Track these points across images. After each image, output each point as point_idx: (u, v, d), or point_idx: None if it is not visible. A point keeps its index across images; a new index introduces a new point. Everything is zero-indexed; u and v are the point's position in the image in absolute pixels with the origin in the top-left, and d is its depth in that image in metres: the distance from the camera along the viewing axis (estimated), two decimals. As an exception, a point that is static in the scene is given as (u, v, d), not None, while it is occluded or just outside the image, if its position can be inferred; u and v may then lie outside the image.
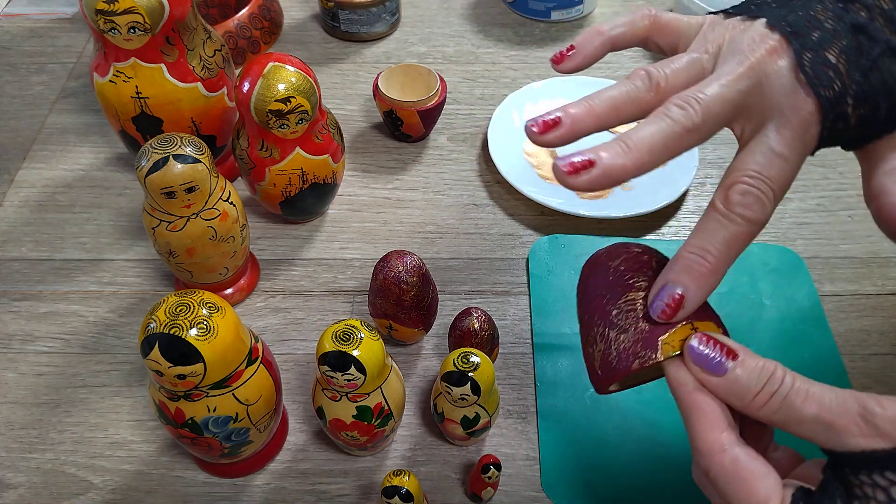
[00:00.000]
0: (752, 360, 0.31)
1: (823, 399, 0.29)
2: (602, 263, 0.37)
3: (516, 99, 0.72)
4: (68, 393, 0.53)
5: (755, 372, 0.30)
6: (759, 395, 0.30)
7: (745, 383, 0.30)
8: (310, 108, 0.52)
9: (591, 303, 0.36)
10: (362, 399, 0.43)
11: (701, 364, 0.31)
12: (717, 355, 0.31)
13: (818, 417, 0.29)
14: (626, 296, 0.34)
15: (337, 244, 0.62)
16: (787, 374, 0.30)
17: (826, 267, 0.60)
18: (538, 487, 0.48)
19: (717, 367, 0.31)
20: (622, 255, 0.37)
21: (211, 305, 0.39)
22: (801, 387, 0.30)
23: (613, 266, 0.36)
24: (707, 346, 0.31)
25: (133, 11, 0.50)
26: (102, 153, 0.69)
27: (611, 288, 0.35)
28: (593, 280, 0.37)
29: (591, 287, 0.37)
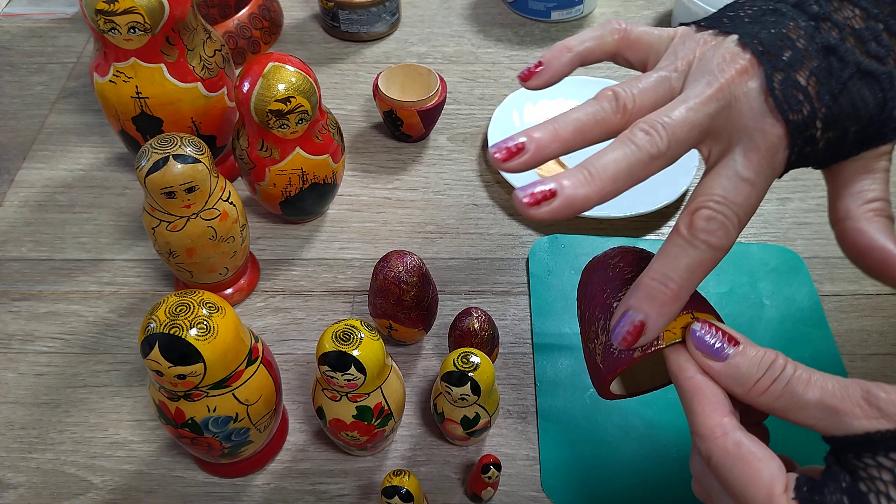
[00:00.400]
0: (752, 347, 0.31)
1: (826, 384, 0.29)
2: (601, 262, 0.38)
3: (516, 99, 0.72)
4: (68, 393, 0.53)
5: (756, 358, 0.31)
6: (760, 381, 0.30)
7: (747, 369, 0.30)
8: (310, 108, 0.52)
9: (591, 299, 0.37)
10: (362, 399, 0.43)
11: (702, 349, 0.31)
12: (719, 341, 0.31)
13: (821, 402, 0.29)
14: (625, 289, 0.35)
15: (337, 244, 0.62)
16: (788, 362, 0.30)
17: (826, 267, 0.60)
18: (538, 487, 0.48)
19: (718, 353, 0.31)
20: (621, 254, 0.37)
21: (211, 305, 0.39)
22: (803, 374, 0.30)
23: (613, 263, 0.37)
24: (709, 332, 0.31)
25: (133, 11, 0.50)
26: (102, 153, 0.69)
27: (610, 282, 0.36)
28: (593, 278, 0.37)
29: (592, 284, 0.37)
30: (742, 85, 0.31)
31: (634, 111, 0.33)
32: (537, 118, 0.71)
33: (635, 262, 0.36)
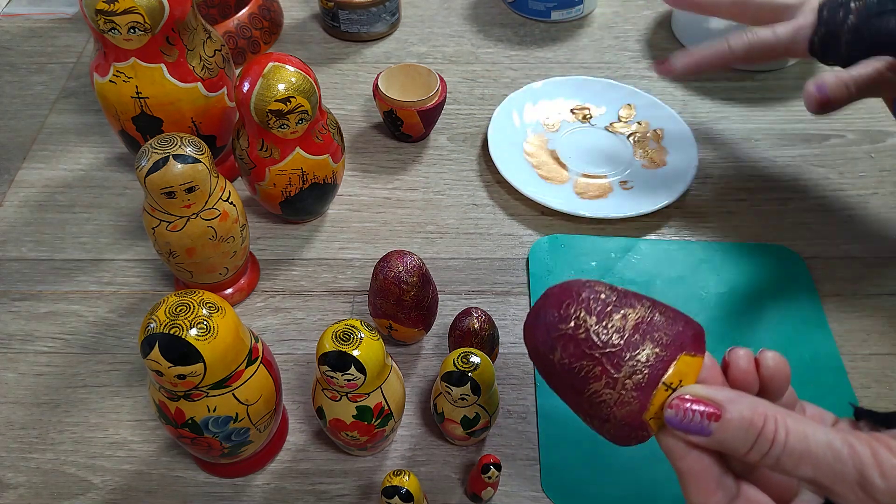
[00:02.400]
0: (737, 414, 0.29)
1: (819, 462, 0.28)
2: (542, 357, 0.33)
3: (516, 99, 0.72)
4: (68, 393, 0.53)
5: (741, 430, 0.29)
6: (750, 454, 0.29)
7: (732, 442, 0.29)
8: (310, 108, 0.52)
9: (557, 391, 0.34)
10: (362, 399, 0.43)
11: (683, 430, 0.30)
12: (697, 419, 0.30)
13: (814, 481, 0.28)
14: (587, 390, 0.32)
15: (337, 244, 0.62)
16: (777, 429, 0.29)
17: (826, 267, 0.60)
18: (538, 487, 0.48)
19: (700, 430, 0.30)
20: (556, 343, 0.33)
21: (211, 305, 0.39)
22: (795, 445, 0.28)
23: (556, 361, 0.33)
24: (685, 414, 0.30)
25: (133, 11, 0.50)
26: (102, 153, 0.69)
27: (566, 381, 0.33)
28: (547, 371, 0.34)
29: (548, 377, 0.34)
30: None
31: None
32: (537, 118, 0.71)
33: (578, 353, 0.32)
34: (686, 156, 0.66)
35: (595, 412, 0.32)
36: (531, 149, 0.69)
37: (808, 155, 0.69)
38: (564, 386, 0.33)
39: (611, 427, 0.32)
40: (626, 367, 0.31)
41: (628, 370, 0.31)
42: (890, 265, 0.60)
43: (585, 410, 0.32)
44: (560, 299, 0.33)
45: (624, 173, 0.67)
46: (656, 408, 0.31)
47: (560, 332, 0.32)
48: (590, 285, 0.33)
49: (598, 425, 0.32)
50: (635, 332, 0.31)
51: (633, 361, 0.31)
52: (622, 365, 0.31)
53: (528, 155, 0.68)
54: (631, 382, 0.31)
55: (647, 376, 0.31)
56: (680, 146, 0.68)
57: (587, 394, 0.32)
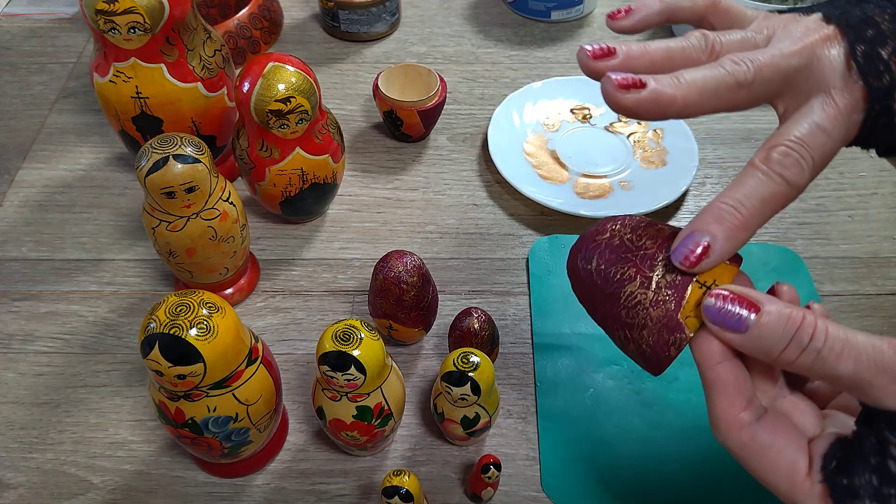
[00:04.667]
0: (775, 309, 0.29)
1: (860, 356, 0.28)
2: (582, 272, 0.35)
3: (516, 99, 0.72)
4: (68, 393, 0.53)
5: (780, 325, 0.29)
6: (787, 351, 0.29)
7: (769, 339, 0.29)
8: (310, 108, 0.52)
9: (596, 311, 0.35)
10: (362, 399, 0.43)
11: (720, 324, 0.30)
12: (736, 311, 0.29)
13: (854, 376, 0.28)
14: (623, 294, 0.33)
15: (337, 244, 0.62)
16: (818, 325, 0.29)
17: (826, 267, 0.60)
18: (538, 487, 0.48)
19: (737, 324, 0.29)
20: (593, 253, 0.34)
21: (211, 305, 0.39)
22: (835, 340, 0.28)
23: (594, 270, 0.34)
24: (723, 305, 0.30)
25: (133, 11, 0.50)
26: (102, 153, 0.69)
27: (604, 291, 0.34)
28: (585, 289, 0.35)
29: (587, 295, 0.35)
30: (825, 48, 0.32)
31: (720, 53, 0.34)
32: (537, 118, 0.71)
33: (613, 259, 0.33)
34: (686, 156, 0.66)
35: (632, 319, 0.32)
36: (531, 149, 0.69)
37: (808, 155, 0.69)
38: (602, 298, 0.33)
39: (648, 334, 0.32)
40: (660, 267, 0.32)
41: (662, 269, 0.32)
42: (890, 265, 0.60)
43: (623, 321, 0.32)
44: (601, 223, 0.35)
45: (624, 173, 0.67)
46: (692, 306, 0.31)
47: (597, 243, 0.34)
48: (630, 215, 0.35)
49: (637, 335, 0.32)
50: (668, 240, 0.32)
51: (666, 260, 0.32)
52: (655, 265, 0.32)
53: (528, 155, 0.68)
54: (665, 280, 0.31)
55: (681, 274, 0.31)
56: (680, 146, 0.68)
57: (623, 299, 0.32)
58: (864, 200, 0.65)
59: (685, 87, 0.31)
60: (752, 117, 0.73)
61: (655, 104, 0.31)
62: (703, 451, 0.49)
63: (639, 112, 0.31)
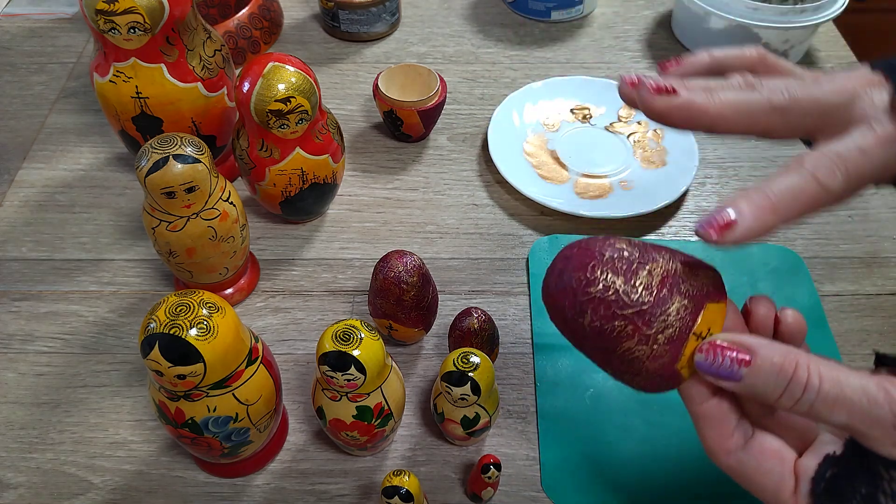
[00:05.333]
0: (767, 359, 0.29)
1: (853, 407, 0.28)
2: (571, 321, 0.33)
3: (516, 99, 0.72)
4: (68, 393, 0.53)
5: (772, 376, 0.29)
6: (782, 399, 0.29)
7: (763, 388, 0.29)
8: (310, 108, 0.52)
9: (583, 348, 0.34)
10: (362, 399, 0.43)
11: (714, 376, 0.30)
12: (728, 364, 0.30)
13: (848, 426, 0.29)
14: (619, 349, 0.32)
15: (337, 244, 0.62)
16: (810, 373, 0.29)
17: (826, 267, 0.60)
18: (538, 487, 0.48)
19: (730, 375, 0.30)
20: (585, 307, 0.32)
21: (211, 305, 0.39)
22: (828, 392, 0.28)
23: (587, 325, 0.32)
24: (714, 358, 0.30)
25: (133, 11, 0.50)
26: (102, 153, 0.69)
27: (597, 343, 0.33)
28: (573, 333, 0.34)
29: (574, 336, 0.34)
30: (869, 89, 0.32)
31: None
32: (537, 118, 0.71)
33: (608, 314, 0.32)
34: (686, 156, 0.66)
35: (627, 368, 0.32)
36: (531, 149, 0.69)
37: (808, 155, 0.69)
38: (593, 347, 0.33)
39: (642, 380, 0.32)
40: (658, 323, 0.31)
41: (660, 325, 0.31)
42: (890, 265, 0.60)
43: (616, 367, 0.33)
44: (583, 261, 0.33)
45: (624, 173, 0.67)
46: (687, 357, 0.32)
47: (589, 296, 0.32)
48: (610, 243, 0.33)
49: (629, 379, 0.33)
50: (662, 287, 0.32)
51: (664, 316, 0.31)
52: (653, 322, 0.31)
53: (528, 155, 0.68)
54: (663, 337, 0.31)
55: (678, 329, 0.31)
56: (680, 146, 0.68)
57: (619, 352, 0.32)
58: (864, 200, 0.65)
59: (718, 102, 0.32)
60: (752, 117, 0.73)
61: (686, 111, 0.31)
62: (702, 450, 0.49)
63: (670, 117, 0.31)
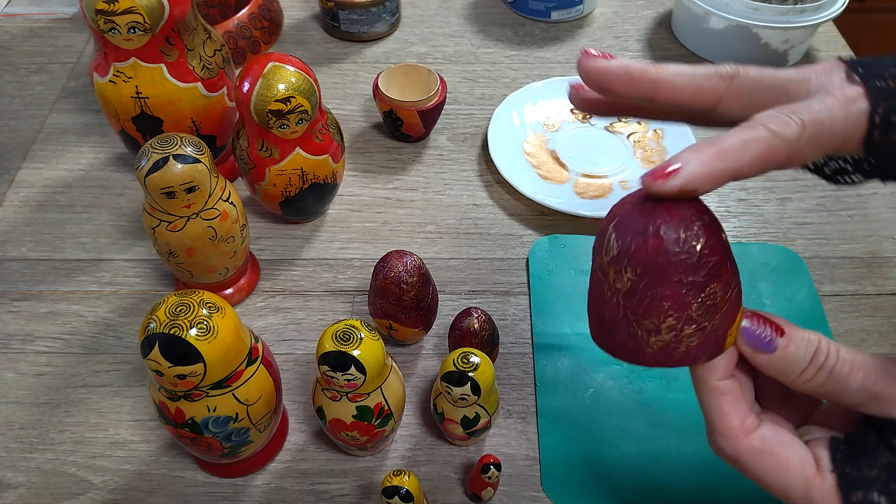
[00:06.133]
0: (797, 333, 0.31)
1: (868, 369, 0.29)
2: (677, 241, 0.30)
3: (516, 99, 0.72)
4: (68, 393, 0.53)
5: (802, 346, 0.30)
6: (806, 370, 0.30)
7: (794, 359, 0.30)
8: (310, 108, 0.52)
9: (660, 284, 0.30)
10: (362, 399, 0.43)
11: (752, 344, 0.31)
12: (768, 333, 0.31)
13: (864, 387, 0.29)
14: (709, 287, 0.30)
15: (337, 244, 0.62)
16: (830, 346, 0.30)
17: (826, 267, 0.60)
18: (538, 487, 0.48)
19: (767, 345, 0.31)
20: (703, 231, 0.30)
21: (211, 305, 0.39)
22: (846, 357, 0.30)
23: (699, 250, 0.30)
24: (758, 326, 0.31)
25: (133, 11, 0.50)
26: (102, 153, 0.69)
27: (693, 273, 0.30)
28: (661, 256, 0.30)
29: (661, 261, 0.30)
30: (825, 72, 0.31)
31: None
32: (537, 118, 0.71)
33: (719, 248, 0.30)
34: (686, 156, 0.66)
35: (698, 316, 0.30)
36: (531, 149, 0.69)
37: (808, 155, 0.69)
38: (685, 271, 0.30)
39: (699, 336, 0.31)
40: (734, 277, 0.31)
41: (736, 280, 0.31)
42: (890, 265, 0.60)
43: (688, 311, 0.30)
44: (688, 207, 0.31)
45: (624, 173, 0.67)
46: (737, 326, 0.32)
47: (705, 222, 0.30)
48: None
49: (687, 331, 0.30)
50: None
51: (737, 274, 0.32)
52: (734, 274, 0.31)
53: (528, 155, 0.68)
54: (734, 293, 0.31)
55: (738, 293, 0.32)
56: (679, 146, 0.68)
57: (706, 292, 0.30)
58: (864, 200, 0.65)
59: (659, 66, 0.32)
60: (752, 117, 0.73)
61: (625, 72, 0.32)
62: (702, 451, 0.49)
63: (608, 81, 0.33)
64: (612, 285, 0.31)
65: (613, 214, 0.32)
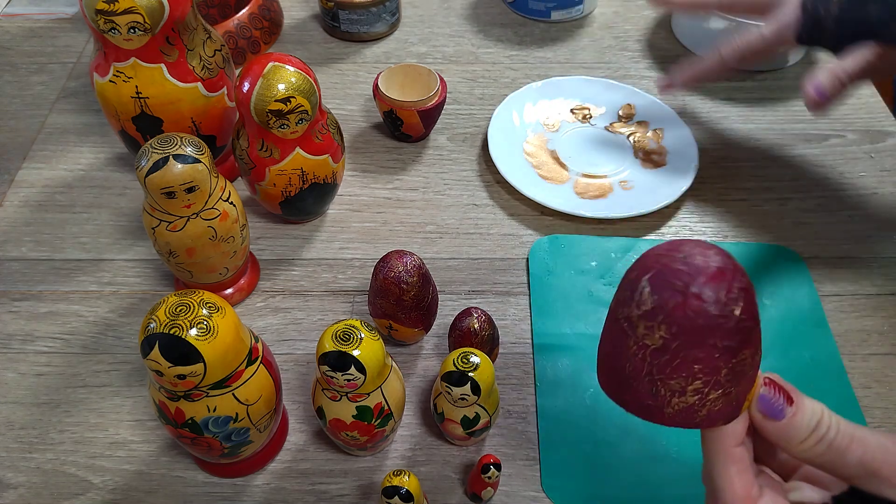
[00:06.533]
0: (804, 402, 0.31)
1: (867, 445, 0.30)
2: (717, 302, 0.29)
3: (516, 99, 0.72)
4: (68, 393, 0.53)
5: (808, 416, 0.31)
6: (807, 440, 0.31)
7: (798, 428, 0.31)
8: (310, 108, 0.52)
9: (695, 346, 0.29)
10: (362, 399, 0.43)
11: (765, 411, 0.31)
12: (780, 402, 0.31)
13: (861, 462, 0.30)
14: (742, 353, 0.30)
15: (337, 244, 0.62)
16: (832, 418, 0.31)
17: (826, 267, 0.60)
18: (538, 487, 0.48)
19: (778, 413, 0.31)
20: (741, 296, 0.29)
21: (211, 305, 0.39)
22: (846, 430, 0.30)
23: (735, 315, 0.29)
24: (773, 394, 0.31)
25: (133, 11, 0.50)
26: (102, 153, 0.69)
27: (728, 338, 0.29)
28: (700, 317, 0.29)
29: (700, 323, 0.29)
30: None
31: None
32: (537, 118, 0.71)
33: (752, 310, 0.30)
34: (686, 156, 0.66)
35: (727, 380, 0.30)
36: (531, 149, 0.69)
37: (808, 155, 0.69)
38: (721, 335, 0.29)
39: (722, 401, 0.31)
40: (760, 340, 0.31)
41: (760, 342, 0.31)
42: (890, 265, 0.60)
43: (719, 377, 0.30)
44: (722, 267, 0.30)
45: (624, 173, 0.67)
46: (754, 393, 0.32)
47: (743, 285, 0.30)
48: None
49: (713, 396, 0.30)
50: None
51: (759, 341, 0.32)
52: (759, 341, 0.31)
53: (528, 155, 0.68)
54: (759, 357, 0.31)
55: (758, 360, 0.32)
56: (680, 146, 0.68)
57: (739, 357, 0.30)
58: (864, 200, 0.65)
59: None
60: (752, 117, 0.73)
61: None
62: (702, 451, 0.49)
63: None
64: (641, 340, 0.30)
65: (648, 267, 0.31)
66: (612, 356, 0.32)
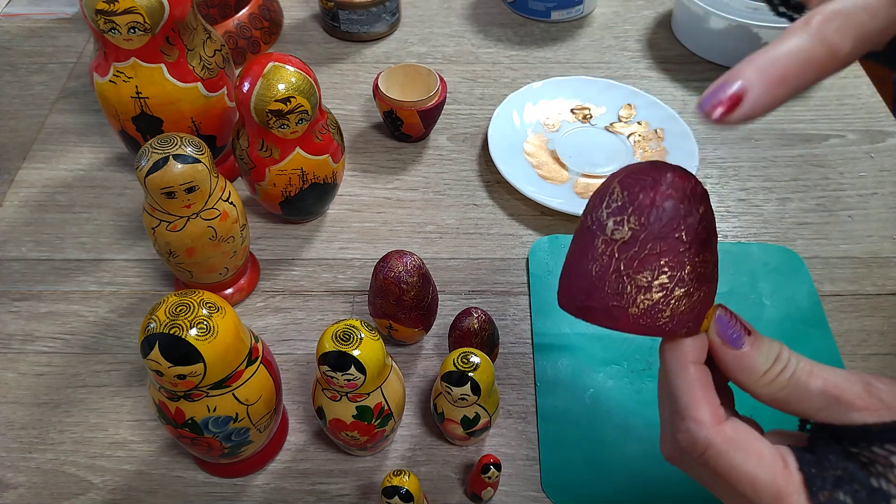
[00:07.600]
0: (762, 337, 0.32)
1: (828, 374, 0.30)
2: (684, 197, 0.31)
3: (516, 99, 0.72)
4: (68, 393, 0.53)
5: (765, 349, 0.31)
6: (767, 373, 0.31)
7: (758, 359, 0.31)
8: (310, 108, 0.52)
9: (661, 237, 0.30)
10: (362, 399, 0.43)
11: (722, 336, 0.31)
12: (738, 329, 0.32)
13: (823, 391, 0.30)
14: (703, 254, 0.31)
15: (337, 244, 0.62)
16: (791, 354, 0.31)
17: (826, 267, 0.60)
18: (538, 487, 0.48)
19: (736, 341, 0.31)
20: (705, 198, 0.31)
21: (211, 305, 0.39)
22: (806, 365, 0.31)
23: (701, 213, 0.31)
24: (730, 319, 0.32)
25: (133, 11, 0.50)
26: (102, 153, 0.69)
27: (696, 235, 0.31)
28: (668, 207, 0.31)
29: (668, 210, 0.30)
30: None
31: None
32: (537, 118, 0.71)
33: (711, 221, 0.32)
34: (686, 156, 0.66)
35: (692, 279, 0.31)
36: (531, 149, 0.69)
37: (808, 155, 0.69)
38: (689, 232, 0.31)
39: (686, 303, 0.31)
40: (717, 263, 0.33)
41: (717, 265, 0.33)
42: (890, 265, 0.60)
43: (683, 273, 0.31)
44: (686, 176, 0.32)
45: (624, 173, 0.67)
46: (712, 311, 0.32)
47: (706, 194, 0.32)
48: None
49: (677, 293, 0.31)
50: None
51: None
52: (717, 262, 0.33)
53: (528, 155, 0.68)
54: (716, 277, 0.33)
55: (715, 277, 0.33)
56: (680, 146, 0.68)
57: (701, 257, 0.31)
58: (864, 200, 0.65)
59: None
60: (752, 117, 0.73)
61: None
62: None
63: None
64: (610, 237, 0.31)
65: (616, 175, 0.33)
66: (579, 263, 0.33)
